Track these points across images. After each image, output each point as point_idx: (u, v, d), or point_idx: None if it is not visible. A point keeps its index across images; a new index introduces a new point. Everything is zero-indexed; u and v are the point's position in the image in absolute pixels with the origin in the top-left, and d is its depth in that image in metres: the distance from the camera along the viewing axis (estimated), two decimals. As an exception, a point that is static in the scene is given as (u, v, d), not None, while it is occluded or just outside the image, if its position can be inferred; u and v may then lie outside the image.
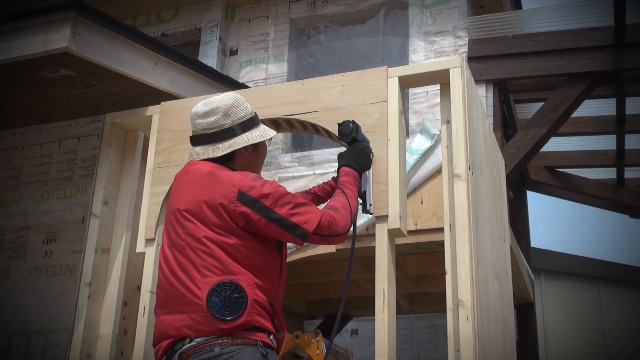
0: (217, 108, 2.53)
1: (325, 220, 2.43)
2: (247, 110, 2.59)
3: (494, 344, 3.09)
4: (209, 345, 2.20)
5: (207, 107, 2.54)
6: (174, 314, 2.30)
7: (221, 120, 2.52)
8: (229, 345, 2.19)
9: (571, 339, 9.50)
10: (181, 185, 2.49)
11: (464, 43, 4.79)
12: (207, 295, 2.23)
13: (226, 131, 2.52)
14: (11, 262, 4.09)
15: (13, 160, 4.36)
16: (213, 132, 2.51)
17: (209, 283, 2.26)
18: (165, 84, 3.73)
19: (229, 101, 2.56)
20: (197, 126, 2.54)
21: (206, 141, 2.52)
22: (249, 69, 5.26)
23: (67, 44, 3.18)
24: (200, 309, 2.23)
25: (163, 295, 2.39)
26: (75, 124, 4.28)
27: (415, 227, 3.93)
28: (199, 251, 2.31)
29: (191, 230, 2.35)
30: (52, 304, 3.88)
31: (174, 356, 2.27)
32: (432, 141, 4.12)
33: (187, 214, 2.38)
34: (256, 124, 2.60)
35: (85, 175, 4.11)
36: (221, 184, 2.37)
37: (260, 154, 2.64)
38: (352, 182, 2.70)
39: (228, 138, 2.52)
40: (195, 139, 2.57)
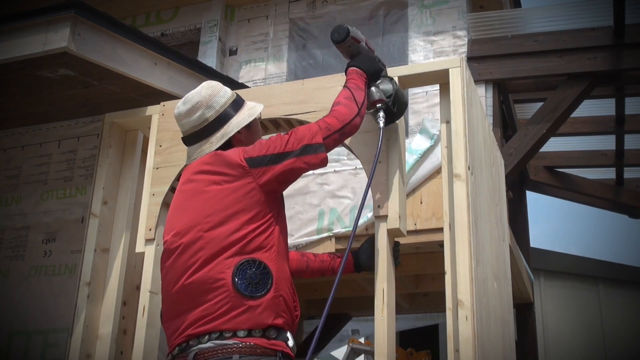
0: (198, 103, 2.49)
1: (331, 117, 2.44)
2: (227, 95, 2.55)
3: (494, 344, 3.09)
4: (227, 351, 2.15)
5: (187, 106, 2.51)
6: (193, 310, 2.24)
7: (206, 113, 2.49)
8: (247, 355, 2.15)
9: (570, 339, 9.50)
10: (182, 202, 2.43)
11: (463, 43, 4.79)
12: (232, 277, 2.19)
13: (214, 122, 2.49)
14: (10, 262, 4.09)
15: (12, 160, 4.36)
16: (202, 127, 2.48)
17: (230, 265, 2.21)
18: (165, 84, 3.72)
19: (206, 92, 2.52)
20: (185, 126, 2.52)
21: (198, 138, 2.49)
22: (248, 68, 5.26)
23: (66, 44, 3.18)
24: (227, 289, 2.19)
25: (174, 298, 2.32)
26: (74, 124, 4.28)
27: (414, 227, 3.94)
28: (213, 239, 2.26)
29: (198, 219, 2.31)
30: (51, 304, 3.88)
31: (187, 352, 2.21)
32: (431, 141, 4.12)
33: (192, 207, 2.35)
34: (241, 104, 2.57)
35: (85, 175, 4.11)
36: (227, 165, 2.35)
37: (255, 129, 2.61)
38: (356, 77, 2.66)
39: (218, 128, 2.49)
40: (187, 139, 2.54)
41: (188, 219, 2.34)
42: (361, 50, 2.81)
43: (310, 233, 4.21)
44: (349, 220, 4.19)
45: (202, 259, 2.26)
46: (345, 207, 4.24)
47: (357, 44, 2.80)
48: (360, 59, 2.77)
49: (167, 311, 2.37)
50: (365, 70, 2.73)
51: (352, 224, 4.14)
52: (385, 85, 2.79)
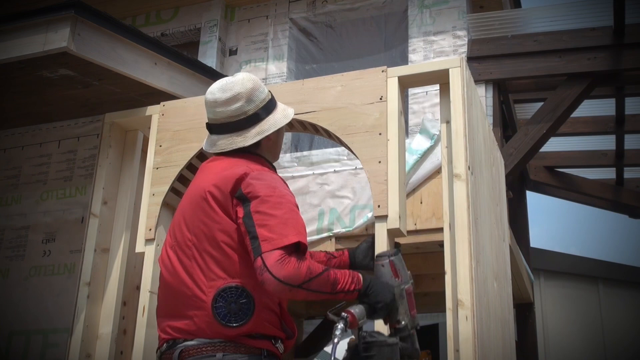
0: (239, 94, 2.37)
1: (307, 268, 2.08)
2: (266, 91, 2.46)
3: (494, 344, 3.09)
4: (211, 349, 2.13)
5: (227, 94, 2.37)
6: (177, 319, 2.22)
7: (245, 106, 2.37)
8: (231, 353, 2.12)
9: (570, 339, 9.50)
10: (200, 176, 2.37)
11: (463, 43, 4.79)
12: (212, 300, 2.14)
13: (251, 117, 2.38)
14: (10, 262, 4.09)
15: (12, 160, 4.36)
16: (238, 120, 2.37)
17: (214, 287, 2.15)
18: (165, 84, 3.73)
19: (249, 85, 2.40)
20: (218, 114, 2.38)
21: (231, 129, 2.37)
22: (248, 68, 5.26)
23: (66, 43, 3.18)
24: (205, 314, 2.15)
25: (165, 299, 2.30)
26: (74, 123, 4.28)
27: (414, 227, 3.94)
28: (204, 253, 2.21)
29: (198, 230, 2.24)
30: (51, 303, 3.88)
31: (173, 349, 2.20)
32: (431, 141, 4.12)
33: (199, 211, 2.26)
34: (275, 104, 2.47)
35: (85, 175, 4.11)
36: (227, 179, 2.24)
37: (282, 132, 2.52)
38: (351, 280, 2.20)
39: (254, 124, 2.38)
40: (216, 127, 2.40)
41: (190, 228, 2.29)
42: (389, 281, 2.31)
43: (310, 233, 4.21)
44: (349, 220, 4.19)
45: (190, 272, 2.23)
46: (345, 207, 4.24)
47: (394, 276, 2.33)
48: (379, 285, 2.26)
49: (158, 308, 2.37)
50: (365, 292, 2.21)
51: (352, 224, 4.14)
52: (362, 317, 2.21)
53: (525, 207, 6.43)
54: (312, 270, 2.10)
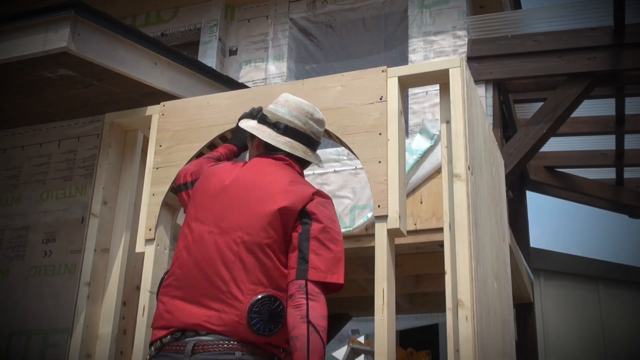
0: (324, 121, 2.73)
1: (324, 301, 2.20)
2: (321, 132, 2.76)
3: (494, 344, 3.09)
4: (229, 347, 2.14)
5: (321, 116, 2.71)
6: (198, 306, 2.20)
7: (320, 133, 2.71)
8: (249, 353, 2.15)
9: (570, 338, 9.50)
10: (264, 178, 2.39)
11: (463, 43, 4.79)
12: (250, 305, 2.16)
13: (317, 143, 2.70)
14: (10, 262, 4.09)
15: (12, 160, 4.36)
16: (315, 139, 2.67)
17: (254, 292, 2.18)
18: (165, 84, 3.72)
19: (322, 117, 2.74)
20: (309, 126, 2.64)
21: (308, 144, 2.64)
22: (248, 68, 5.26)
23: (66, 43, 3.18)
24: (237, 314, 2.16)
25: (187, 279, 2.27)
26: (74, 123, 4.28)
27: (414, 227, 3.94)
28: (252, 255, 2.22)
29: (254, 232, 2.25)
30: (51, 303, 3.88)
31: (183, 342, 2.18)
32: (431, 141, 4.12)
33: (259, 212, 2.28)
34: None
35: (85, 175, 4.11)
36: (298, 196, 2.33)
37: None
38: None
39: (315, 149, 2.69)
40: (299, 134, 2.62)
41: (237, 220, 2.30)
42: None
43: (310, 233, 4.21)
44: (349, 220, 4.19)
45: (227, 265, 2.23)
46: (345, 207, 4.24)
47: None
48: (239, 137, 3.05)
49: (170, 288, 2.31)
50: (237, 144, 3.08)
51: (352, 224, 4.15)
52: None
53: (525, 207, 6.43)
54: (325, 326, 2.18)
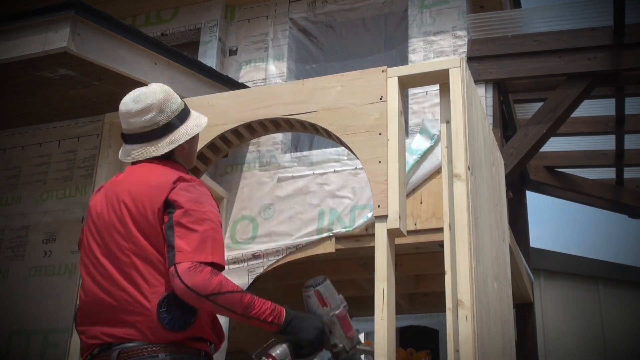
0: (151, 105, 2.44)
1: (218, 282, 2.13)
2: (178, 102, 2.53)
3: (494, 344, 3.09)
4: (153, 350, 2.14)
5: (139, 105, 2.44)
6: (113, 326, 2.20)
7: (157, 117, 2.44)
8: (174, 353, 2.15)
9: (570, 338, 9.50)
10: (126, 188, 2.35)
11: (463, 43, 4.79)
12: (157, 306, 2.15)
13: (163, 127, 2.44)
14: (11, 262, 4.09)
15: (12, 160, 4.36)
16: (150, 130, 2.43)
17: (157, 293, 2.17)
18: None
19: (160, 96, 2.47)
20: (132, 125, 2.44)
21: (144, 140, 2.44)
22: (248, 68, 5.26)
23: (66, 43, 3.18)
24: (149, 319, 2.15)
25: (94, 305, 2.26)
26: (74, 123, 4.28)
27: (414, 227, 3.94)
28: (145, 260, 2.21)
29: (136, 239, 2.24)
30: (51, 303, 3.88)
31: (109, 352, 2.17)
32: (431, 141, 4.12)
33: (133, 218, 2.26)
34: (188, 114, 2.55)
35: (85, 175, 4.11)
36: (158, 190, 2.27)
37: (196, 140, 2.60)
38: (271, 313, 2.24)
39: (166, 134, 2.45)
40: (130, 137, 2.47)
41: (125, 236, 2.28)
42: (318, 312, 2.40)
43: (310, 233, 4.21)
44: (349, 220, 4.19)
45: (129, 279, 2.21)
46: (345, 207, 4.24)
47: (318, 305, 2.40)
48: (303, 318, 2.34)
49: (84, 316, 2.31)
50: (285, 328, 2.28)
51: (352, 224, 4.14)
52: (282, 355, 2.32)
53: (525, 207, 6.43)
54: (223, 285, 2.13)
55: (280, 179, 4.53)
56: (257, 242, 4.33)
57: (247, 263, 4.24)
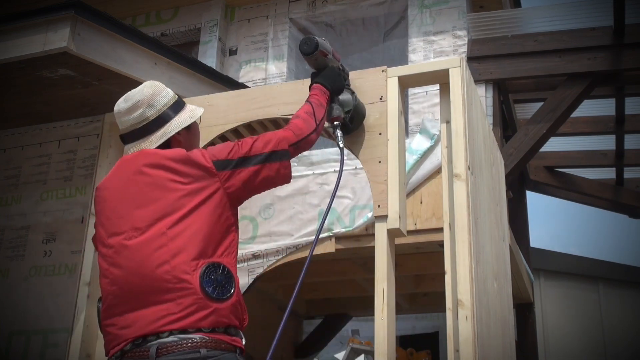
0: (139, 101, 2.47)
1: (289, 131, 2.52)
2: (169, 95, 2.54)
3: (494, 344, 3.09)
4: (193, 345, 2.14)
5: (128, 103, 2.48)
6: (150, 306, 2.19)
7: (147, 112, 2.46)
8: (213, 349, 2.15)
9: (570, 339, 9.50)
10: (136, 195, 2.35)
11: (463, 43, 4.79)
12: (200, 279, 2.18)
13: (154, 121, 2.46)
14: (10, 262, 4.09)
15: (12, 160, 4.36)
16: (142, 126, 2.46)
17: (195, 267, 2.20)
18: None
19: (148, 91, 2.51)
20: (124, 124, 2.48)
21: (137, 136, 2.46)
22: (248, 68, 5.26)
23: (66, 43, 3.18)
24: (193, 292, 2.17)
25: (124, 293, 2.26)
26: (74, 123, 4.28)
27: (414, 227, 3.94)
28: (180, 235, 2.24)
29: (161, 216, 2.26)
30: (51, 304, 3.88)
31: (146, 347, 2.16)
32: (431, 141, 4.12)
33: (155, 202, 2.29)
34: (182, 106, 2.56)
35: (85, 175, 4.11)
36: (193, 165, 2.33)
37: (194, 133, 2.60)
38: (319, 94, 2.79)
39: (158, 128, 2.46)
40: (126, 137, 2.50)
41: (149, 214, 2.29)
42: (328, 63, 2.92)
43: (310, 233, 4.21)
44: (349, 220, 4.19)
45: (162, 257, 2.22)
46: (345, 207, 4.24)
47: (325, 57, 2.90)
48: (326, 75, 2.88)
49: (111, 309, 2.30)
50: (330, 87, 2.85)
51: (352, 224, 4.15)
52: (345, 96, 2.89)
53: (525, 207, 6.43)
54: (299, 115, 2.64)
55: (280, 179, 4.53)
56: (257, 242, 4.33)
57: (247, 263, 4.25)
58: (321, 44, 2.86)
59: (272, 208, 4.44)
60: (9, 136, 4.43)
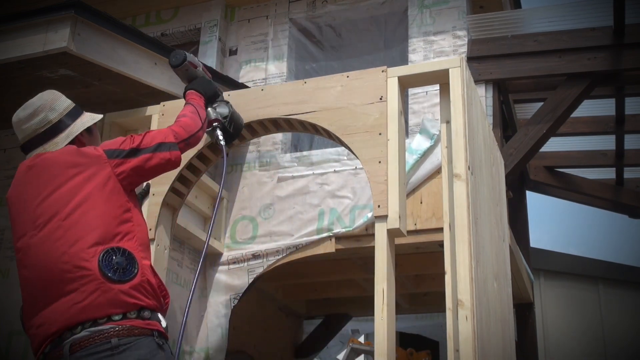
0: (40, 106, 2.53)
1: (178, 127, 2.67)
2: (68, 102, 2.61)
3: (493, 344, 3.09)
4: (104, 336, 2.15)
5: (28, 110, 2.54)
6: (58, 300, 2.23)
7: (49, 115, 2.52)
8: (125, 336, 2.16)
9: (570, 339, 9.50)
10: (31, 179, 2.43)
11: (463, 43, 4.79)
12: (98, 264, 2.20)
13: (57, 124, 2.52)
14: (11, 262, 4.08)
15: (12, 159, 4.36)
16: (45, 129, 2.51)
17: (93, 253, 2.23)
18: (165, 84, 3.73)
19: (48, 97, 2.57)
20: (26, 131, 2.53)
21: (41, 140, 2.51)
22: (248, 68, 5.26)
23: (66, 43, 3.18)
24: (93, 278, 2.19)
25: (35, 292, 2.32)
26: (74, 123, 4.27)
27: (414, 227, 3.94)
28: (75, 225, 2.28)
29: (56, 209, 2.31)
30: (51, 303, 3.87)
31: (61, 346, 2.18)
32: (431, 141, 4.12)
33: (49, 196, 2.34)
34: (81, 112, 2.63)
35: (85, 175, 4.11)
36: (83, 155, 2.40)
37: (95, 136, 2.67)
38: (197, 98, 2.95)
39: (62, 130, 2.52)
40: (28, 144, 2.53)
41: (45, 209, 2.34)
42: (198, 75, 3.09)
43: (310, 233, 4.22)
44: (349, 220, 4.19)
45: (61, 249, 2.26)
46: (345, 207, 4.24)
47: (194, 68, 3.08)
48: (198, 83, 3.06)
49: (28, 310, 2.36)
50: (203, 93, 3.02)
51: (352, 224, 4.14)
52: (221, 108, 3.08)
53: (525, 207, 6.43)
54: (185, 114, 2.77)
55: (280, 179, 4.53)
56: (257, 242, 4.33)
57: (247, 263, 4.25)
58: (189, 56, 3.06)
59: (272, 208, 4.44)
60: (9, 136, 4.42)
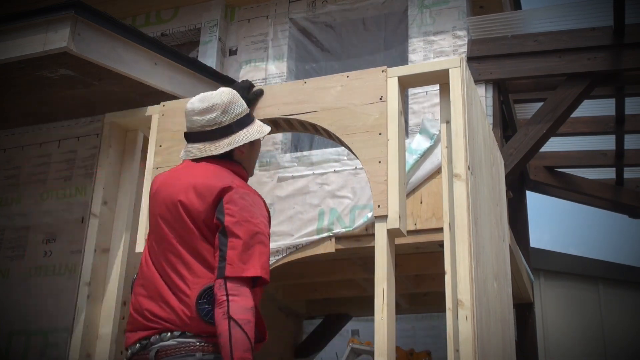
0: (216, 105, 2.52)
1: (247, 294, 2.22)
2: (243, 107, 2.60)
3: (494, 344, 3.09)
4: (190, 349, 2.19)
5: (204, 104, 2.52)
6: (158, 302, 2.28)
7: (220, 117, 2.52)
8: (209, 353, 2.20)
9: (570, 339, 9.50)
10: (182, 179, 2.45)
11: (463, 43, 4.78)
12: (197, 297, 2.23)
13: (225, 128, 2.52)
14: (11, 262, 4.09)
15: (12, 160, 4.36)
16: (212, 129, 2.51)
17: (199, 284, 2.25)
18: (165, 84, 3.73)
19: (226, 98, 2.55)
20: (195, 123, 2.53)
21: (204, 139, 2.52)
22: (248, 68, 5.26)
23: (66, 43, 3.18)
24: (189, 309, 2.23)
25: (146, 281, 2.37)
26: (74, 123, 4.28)
27: (414, 227, 3.94)
28: (191, 252, 2.30)
29: (183, 232, 2.34)
30: (51, 303, 3.88)
31: (148, 349, 2.24)
32: (431, 141, 4.12)
33: (186, 210, 2.37)
34: (252, 120, 2.62)
35: (85, 175, 4.12)
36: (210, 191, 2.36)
37: (256, 149, 2.67)
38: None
39: (227, 135, 2.52)
40: (192, 136, 2.55)
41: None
42: None
43: (310, 233, 4.21)
44: (349, 220, 4.19)
45: (176, 264, 2.31)
46: (345, 207, 4.24)
47: None
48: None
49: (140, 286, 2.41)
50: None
51: (352, 224, 4.14)
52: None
53: (525, 207, 6.43)
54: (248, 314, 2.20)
55: (280, 178, 4.53)
56: (257, 242, 4.32)
57: (247, 263, 4.24)
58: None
59: (272, 208, 4.44)
60: (9, 136, 4.43)
